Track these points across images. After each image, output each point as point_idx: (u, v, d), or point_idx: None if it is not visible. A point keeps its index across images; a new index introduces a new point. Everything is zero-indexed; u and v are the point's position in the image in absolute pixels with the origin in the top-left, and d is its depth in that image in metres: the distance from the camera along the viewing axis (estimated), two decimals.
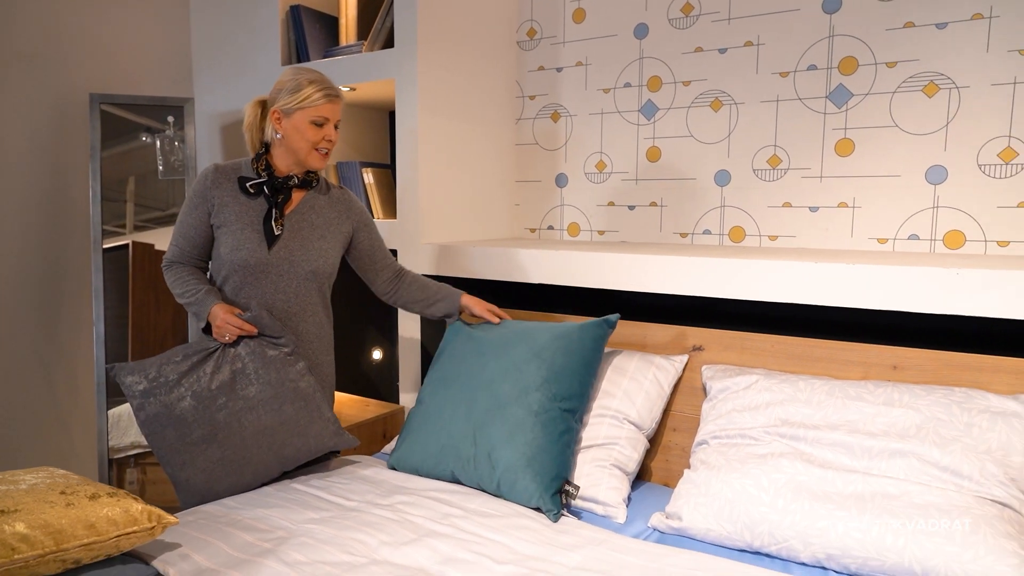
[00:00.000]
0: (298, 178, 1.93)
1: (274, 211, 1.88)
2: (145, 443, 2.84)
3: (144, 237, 2.83)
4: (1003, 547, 1.32)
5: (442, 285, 2.10)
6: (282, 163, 1.93)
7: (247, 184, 1.89)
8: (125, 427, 2.82)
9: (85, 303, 2.84)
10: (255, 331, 1.83)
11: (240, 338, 1.84)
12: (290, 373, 1.83)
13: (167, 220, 2.88)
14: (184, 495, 1.78)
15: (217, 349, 1.84)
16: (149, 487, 2.83)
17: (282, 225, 1.89)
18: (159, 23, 2.99)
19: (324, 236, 1.95)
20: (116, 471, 2.78)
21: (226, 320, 1.81)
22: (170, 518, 1.39)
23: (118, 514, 1.32)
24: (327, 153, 1.92)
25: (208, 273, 2.00)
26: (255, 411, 1.79)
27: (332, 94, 1.89)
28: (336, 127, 1.92)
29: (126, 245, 2.79)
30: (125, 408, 2.80)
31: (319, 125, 1.87)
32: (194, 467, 1.76)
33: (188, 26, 3.08)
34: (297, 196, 1.96)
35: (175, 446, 1.76)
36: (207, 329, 1.87)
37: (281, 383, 1.82)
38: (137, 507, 1.35)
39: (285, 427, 1.80)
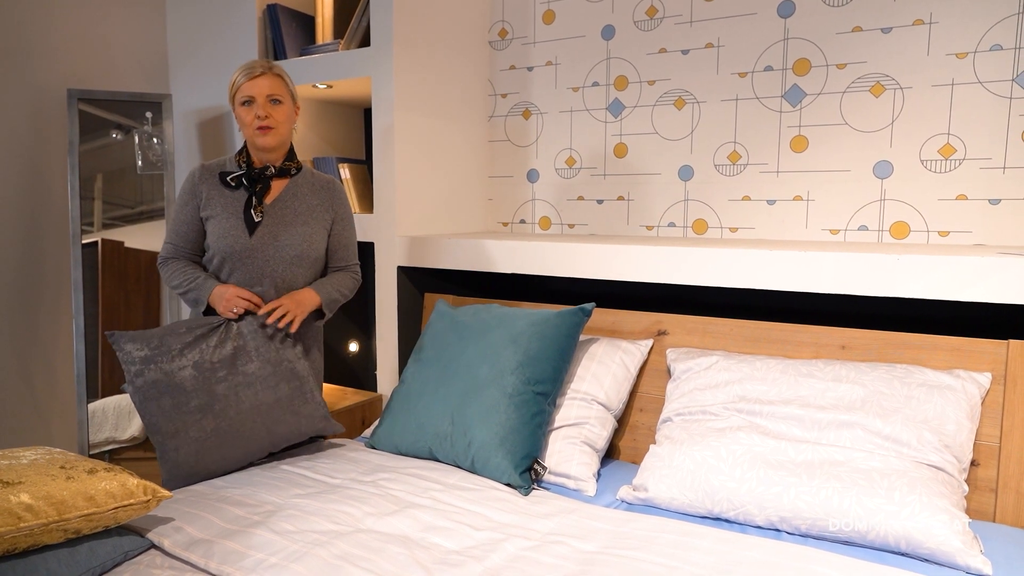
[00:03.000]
0: (274, 168, 2.01)
1: (253, 199, 1.97)
2: (120, 439, 2.89)
3: (113, 235, 2.86)
4: (936, 505, 1.45)
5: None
6: (254, 155, 2.03)
7: (227, 177, 1.99)
8: (99, 423, 2.85)
9: (62, 297, 2.87)
10: (261, 302, 1.94)
11: (243, 316, 1.92)
12: (288, 354, 1.91)
13: (136, 218, 2.91)
14: (170, 467, 1.79)
15: (221, 324, 1.91)
16: None
17: (261, 212, 1.97)
18: (135, 20, 3.02)
19: (307, 222, 2.03)
20: None
21: (236, 293, 1.91)
22: (165, 492, 1.46)
23: (116, 487, 1.39)
24: (268, 129, 1.95)
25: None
26: (252, 387, 1.86)
27: (252, 72, 1.93)
28: (274, 101, 1.95)
29: (95, 243, 2.82)
30: (99, 404, 2.84)
31: (248, 104, 1.94)
32: (186, 435, 1.80)
33: (164, 23, 3.12)
34: (279, 185, 2.04)
35: (170, 413, 1.80)
36: (207, 312, 1.95)
37: (280, 362, 1.90)
38: (133, 481, 1.42)
39: (280, 405, 1.88)
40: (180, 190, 2.04)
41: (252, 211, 1.96)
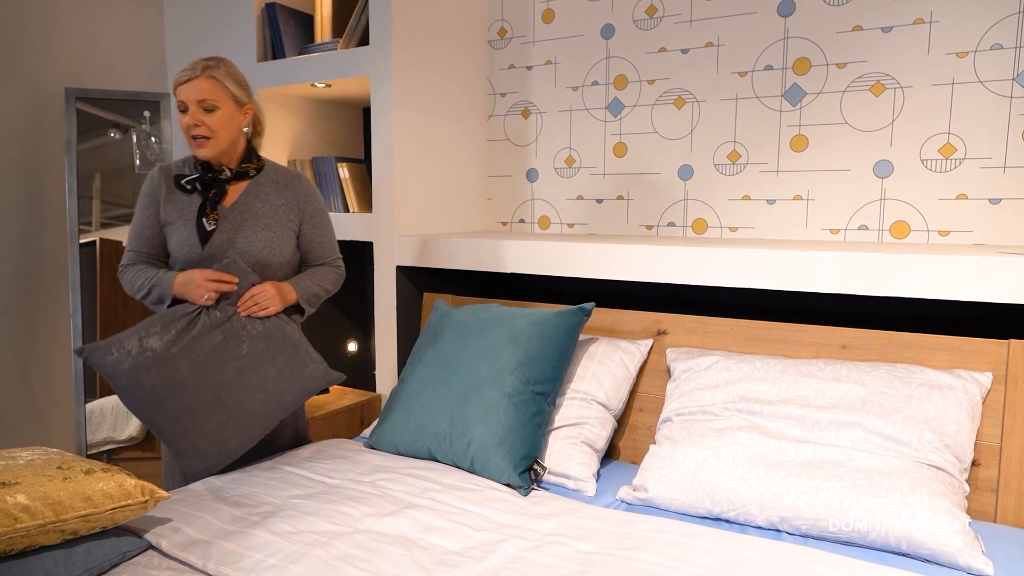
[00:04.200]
0: (230, 170, 1.89)
1: (207, 207, 1.85)
2: (118, 439, 2.88)
3: (111, 234, 2.85)
4: (937, 505, 1.45)
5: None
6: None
7: (182, 180, 1.89)
8: (97, 423, 2.84)
9: (60, 297, 2.86)
10: (235, 279, 1.81)
11: (218, 301, 1.82)
12: (274, 322, 1.87)
13: None
14: (193, 462, 1.76)
15: (199, 312, 1.81)
16: None
17: (215, 220, 1.85)
18: (133, 18, 3.01)
19: (269, 225, 1.91)
20: None
21: (204, 276, 1.78)
22: (162, 492, 1.45)
23: (113, 488, 1.38)
24: (202, 140, 1.81)
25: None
26: (252, 368, 1.81)
27: (184, 76, 1.78)
28: (208, 108, 1.79)
29: (93, 242, 2.81)
30: (97, 404, 2.83)
31: (183, 112, 1.80)
32: (201, 431, 1.75)
33: (162, 22, 3.11)
34: (238, 187, 1.91)
35: (177, 415, 1.74)
36: (175, 304, 1.84)
37: (270, 334, 1.85)
38: (131, 482, 1.41)
39: (283, 376, 1.85)
40: (140, 194, 1.92)
41: (204, 220, 1.84)
